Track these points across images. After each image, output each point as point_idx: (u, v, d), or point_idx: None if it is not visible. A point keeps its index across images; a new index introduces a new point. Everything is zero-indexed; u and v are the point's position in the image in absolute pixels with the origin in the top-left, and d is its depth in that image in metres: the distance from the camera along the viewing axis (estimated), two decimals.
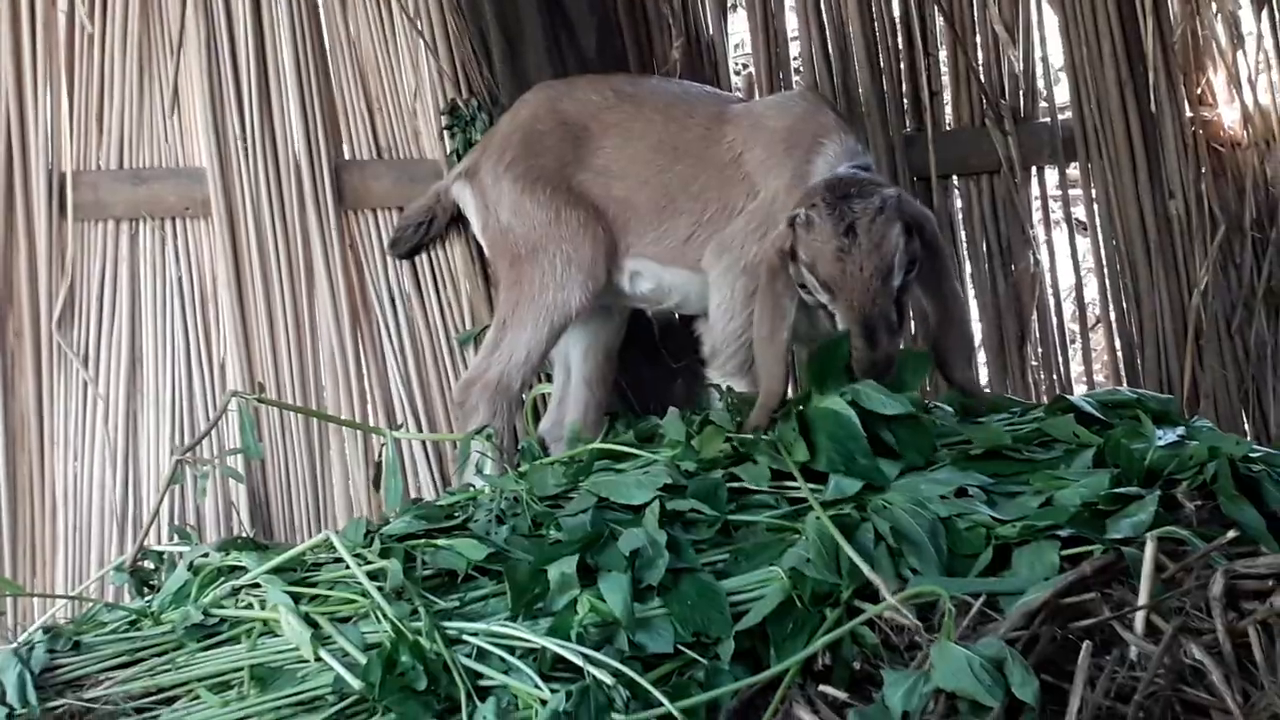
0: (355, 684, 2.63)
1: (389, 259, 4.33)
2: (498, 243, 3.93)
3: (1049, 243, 4.68)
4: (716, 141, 3.79)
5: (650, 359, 4.27)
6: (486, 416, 3.82)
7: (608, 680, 2.50)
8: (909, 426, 3.03)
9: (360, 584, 2.86)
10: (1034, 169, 4.64)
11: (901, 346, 3.26)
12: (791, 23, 4.64)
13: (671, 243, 3.80)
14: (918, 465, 2.99)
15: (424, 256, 4.30)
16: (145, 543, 3.66)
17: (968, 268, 4.63)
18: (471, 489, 3.40)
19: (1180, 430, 3.12)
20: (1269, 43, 4.52)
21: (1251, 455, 2.93)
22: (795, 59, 4.75)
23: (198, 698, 2.81)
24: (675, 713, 2.45)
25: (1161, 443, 3.02)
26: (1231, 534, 2.56)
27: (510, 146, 3.91)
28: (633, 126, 3.86)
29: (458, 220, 4.06)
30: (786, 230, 3.32)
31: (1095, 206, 4.59)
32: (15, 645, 3.05)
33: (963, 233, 4.62)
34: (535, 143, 3.89)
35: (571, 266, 3.80)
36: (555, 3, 4.25)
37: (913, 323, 3.94)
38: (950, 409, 3.43)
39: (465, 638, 2.69)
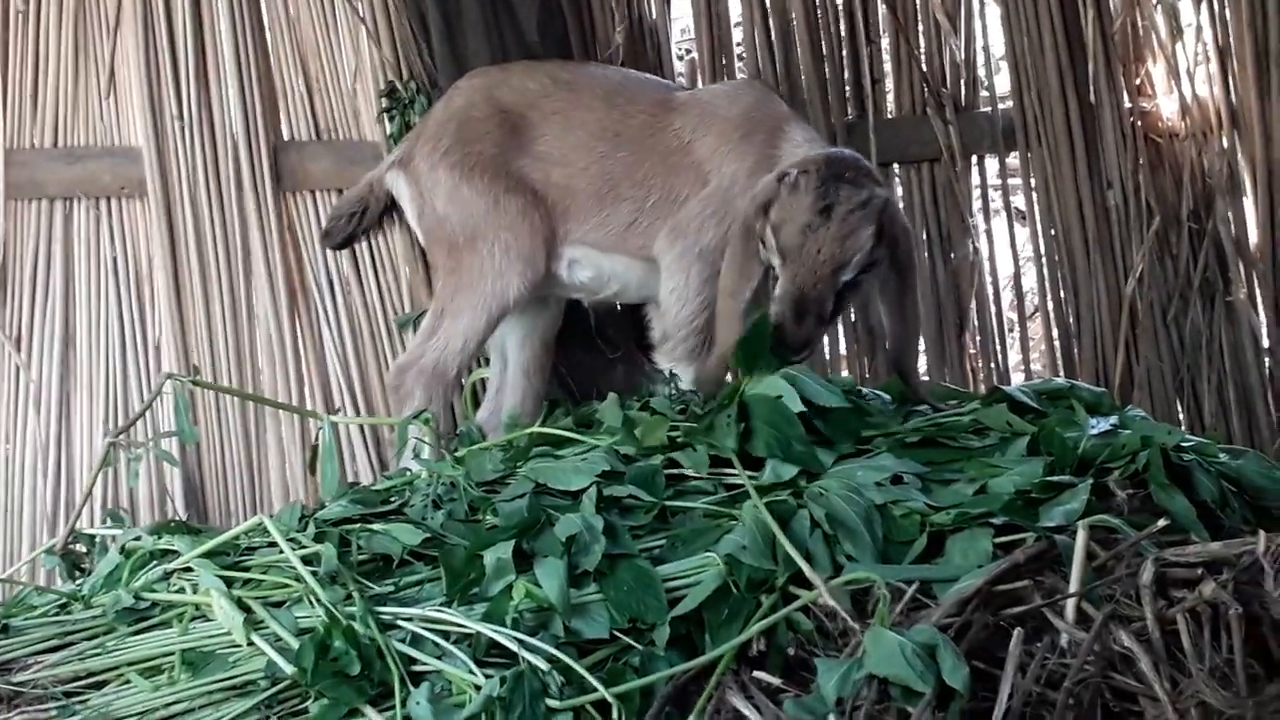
0: (288, 669, 2.62)
1: (320, 246, 4.29)
2: (434, 231, 3.90)
3: (988, 232, 4.70)
4: (662, 129, 3.78)
5: (587, 347, 4.26)
6: (422, 401, 3.79)
7: (543, 666, 2.51)
8: (843, 414, 3.04)
9: (294, 568, 2.84)
10: (974, 158, 4.65)
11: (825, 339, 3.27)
12: (734, 8, 4.63)
13: (613, 230, 3.79)
14: (850, 453, 3.01)
15: (362, 242, 4.25)
16: (77, 526, 3.63)
17: None
18: (408, 474, 3.38)
19: (1113, 419, 3.15)
20: (1208, 35, 4.54)
21: (1183, 445, 2.96)
22: (738, 45, 4.74)
23: (128, 682, 2.80)
24: (610, 698, 2.46)
25: (1094, 432, 3.04)
26: (1162, 523, 2.59)
27: (446, 134, 3.88)
28: (573, 114, 3.83)
29: (391, 210, 4.02)
30: (773, 184, 3.32)
31: (1034, 196, 4.61)
32: None
33: None
34: (471, 130, 3.86)
35: (510, 254, 3.78)
36: None
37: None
38: (887, 397, 3.44)
39: (399, 623, 2.68)
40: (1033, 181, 4.60)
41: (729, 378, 3.40)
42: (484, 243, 3.78)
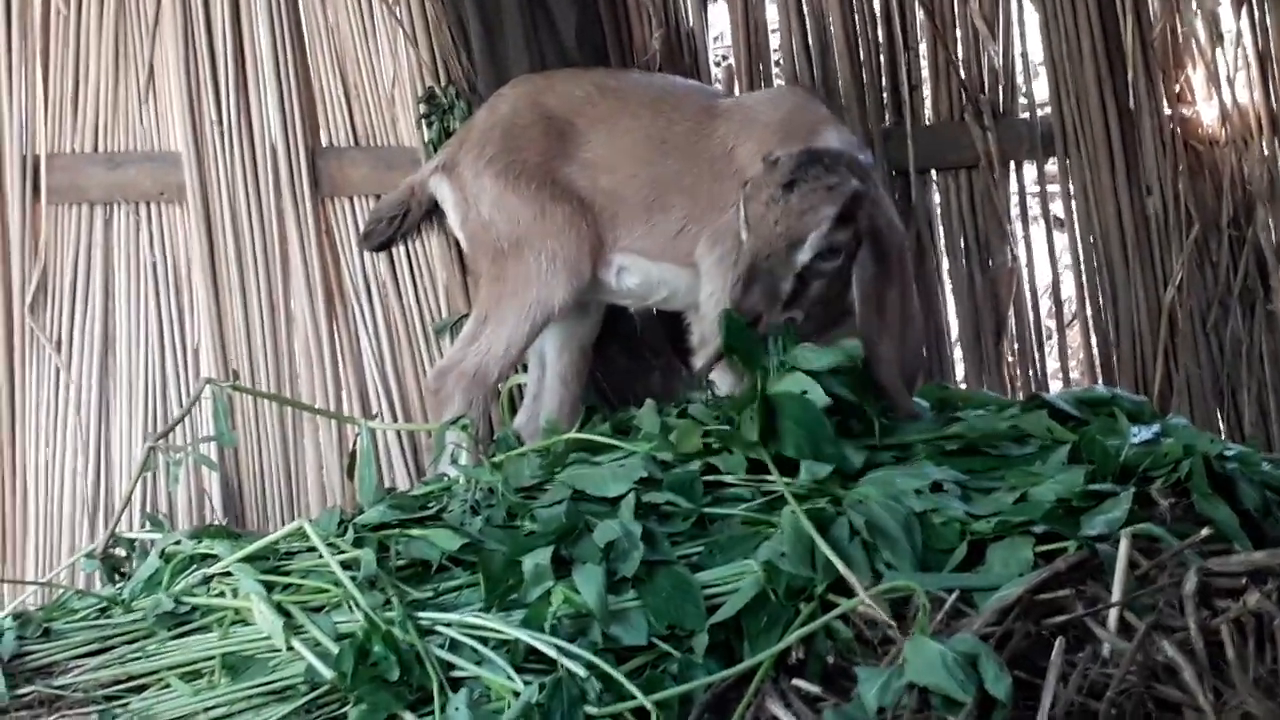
0: (327, 674, 2.62)
1: (359, 248, 4.30)
2: (478, 237, 3.90)
3: (1026, 238, 4.68)
4: (707, 136, 3.78)
5: (627, 353, 4.26)
6: (462, 406, 3.79)
7: (581, 672, 2.49)
8: (854, 381, 3.05)
9: (333, 573, 2.84)
10: (1012, 164, 4.63)
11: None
12: (772, 14, 4.62)
13: (661, 237, 3.79)
14: (884, 458, 3.00)
15: (400, 246, 4.26)
16: (117, 530, 3.63)
17: (945, 263, 4.62)
18: (446, 479, 3.38)
19: (1155, 428, 3.13)
20: (1248, 41, 4.51)
21: (1226, 453, 2.94)
22: (775, 51, 4.74)
23: (168, 686, 2.80)
24: (648, 705, 2.45)
25: (1136, 440, 3.02)
26: (1205, 532, 2.57)
27: (491, 141, 3.88)
28: (619, 121, 3.84)
29: (431, 214, 4.03)
30: (760, 165, 3.33)
31: (1073, 203, 4.59)
32: None
33: (940, 228, 4.61)
34: (517, 137, 3.86)
35: (557, 262, 3.78)
36: None
37: None
38: (926, 404, 3.42)
39: (438, 628, 2.68)
40: (1071, 188, 4.58)
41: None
42: (530, 250, 3.78)
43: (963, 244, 4.60)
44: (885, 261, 3.31)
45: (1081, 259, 4.61)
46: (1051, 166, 4.69)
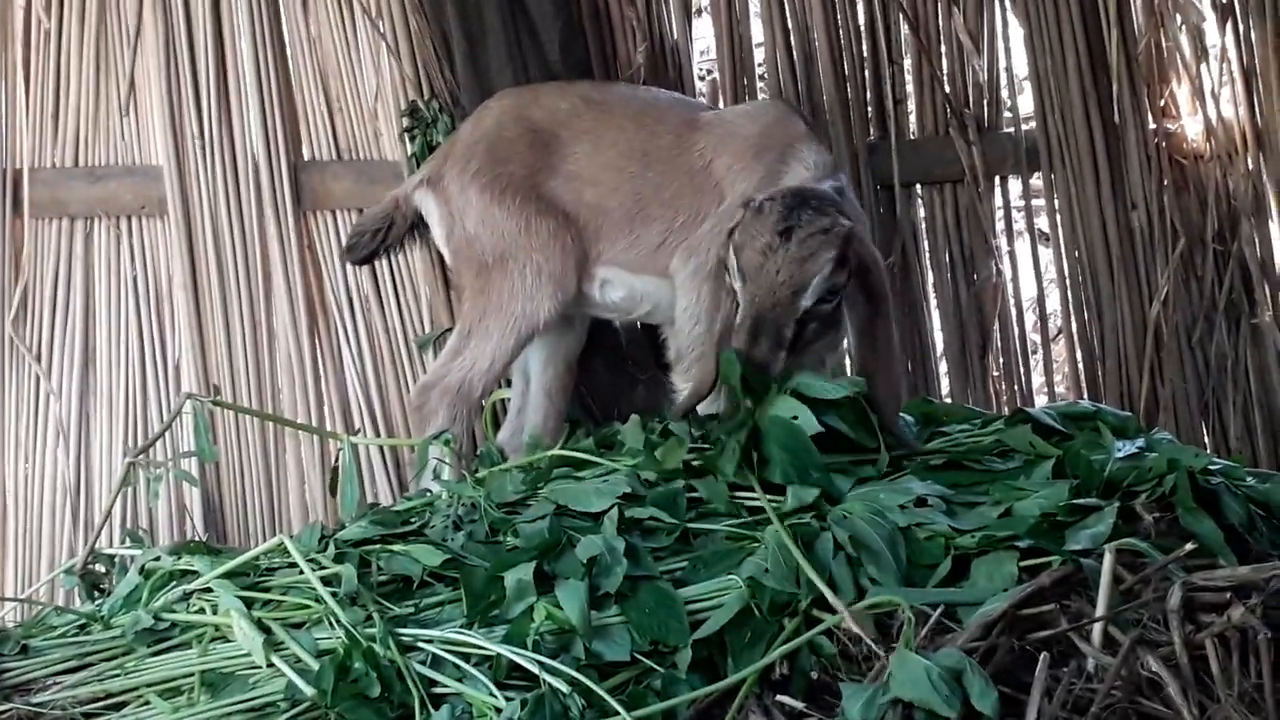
0: (307, 691, 2.60)
1: (341, 261, 4.28)
2: (463, 251, 3.89)
3: (1011, 253, 4.68)
4: (688, 149, 3.78)
5: (611, 367, 4.26)
6: (446, 421, 3.78)
7: (564, 688, 2.48)
8: (852, 412, 3.04)
9: (314, 589, 2.83)
10: (997, 179, 4.63)
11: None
12: (757, 29, 4.63)
13: (643, 250, 3.78)
14: (871, 475, 2.99)
15: (383, 259, 4.24)
16: (96, 546, 3.61)
17: (930, 277, 4.62)
18: (428, 494, 3.37)
19: (1139, 442, 3.13)
20: (1233, 56, 4.53)
21: (1211, 468, 2.93)
22: (760, 65, 4.74)
23: (147, 703, 2.78)
24: None
25: (1121, 455, 3.02)
26: (1190, 546, 2.57)
27: (475, 155, 3.88)
28: (604, 133, 3.83)
29: (415, 228, 4.01)
30: (739, 210, 3.31)
31: (1058, 217, 4.59)
32: None
33: (925, 242, 4.62)
34: (502, 150, 3.85)
35: (542, 276, 3.77)
36: (518, 5, 4.22)
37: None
38: (911, 419, 3.42)
39: (420, 645, 2.66)
40: (1056, 203, 4.58)
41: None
42: (515, 264, 3.77)
43: (948, 258, 4.60)
44: (874, 297, 3.34)
45: (1066, 274, 4.61)
46: (1036, 181, 4.70)
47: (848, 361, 3.78)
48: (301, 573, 2.89)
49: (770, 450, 2.97)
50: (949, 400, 4.50)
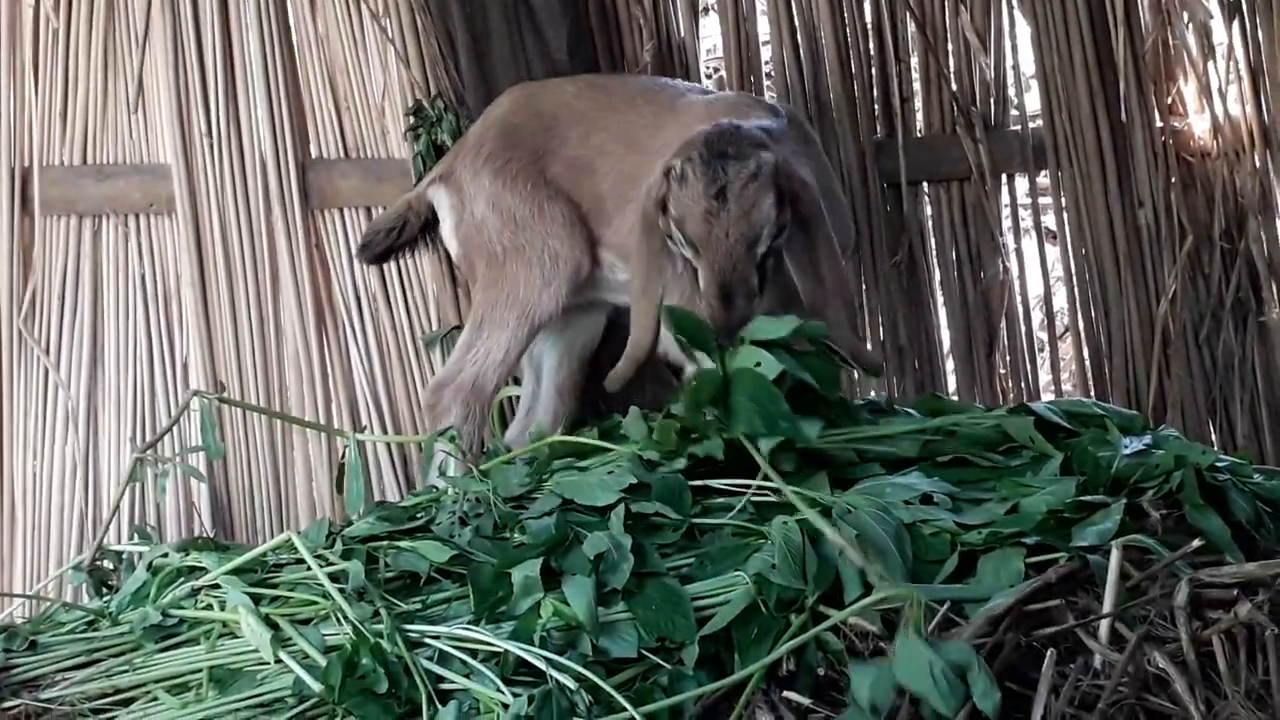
0: (315, 686, 2.60)
1: (356, 259, 4.29)
2: (472, 240, 3.86)
3: (1018, 251, 4.68)
4: (659, 131, 3.70)
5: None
6: (459, 419, 3.75)
7: (571, 684, 2.48)
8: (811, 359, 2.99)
9: (321, 585, 2.82)
10: (1004, 177, 4.63)
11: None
12: (763, 27, 4.63)
13: (625, 236, 3.70)
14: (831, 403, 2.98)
15: (397, 258, 4.24)
16: (104, 542, 3.61)
17: (937, 275, 4.62)
18: (435, 490, 3.37)
19: (1146, 439, 3.12)
20: (1239, 53, 4.52)
21: (1218, 464, 2.92)
22: (766, 63, 4.74)
23: (155, 699, 2.78)
24: (638, 718, 2.43)
25: (1128, 451, 3.01)
26: (1197, 543, 2.57)
27: (487, 141, 3.86)
28: (598, 116, 3.80)
29: (427, 230, 4.00)
30: (661, 180, 3.24)
31: (1065, 215, 4.59)
32: None
33: (932, 240, 4.61)
34: (512, 136, 3.83)
35: (559, 262, 3.73)
36: (524, 4, 4.22)
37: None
38: (916, 413, 3.41)
39: (427, 640, 2.66)
40: (1063, 201, 4.58)
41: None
42: (530, 250, 3.74)
43: (954, 256, 4.60)
44: (808, 224, 3.28)
45: (1073, 271, 4.61)
46: (1043, 179, 4.70)
47: None
48: (309, 569, 2.89)
49: (735, 399, 2.92)
50: (956, 398, 4.50)
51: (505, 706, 2.47)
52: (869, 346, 3.29)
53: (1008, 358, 4.64)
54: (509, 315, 3.75)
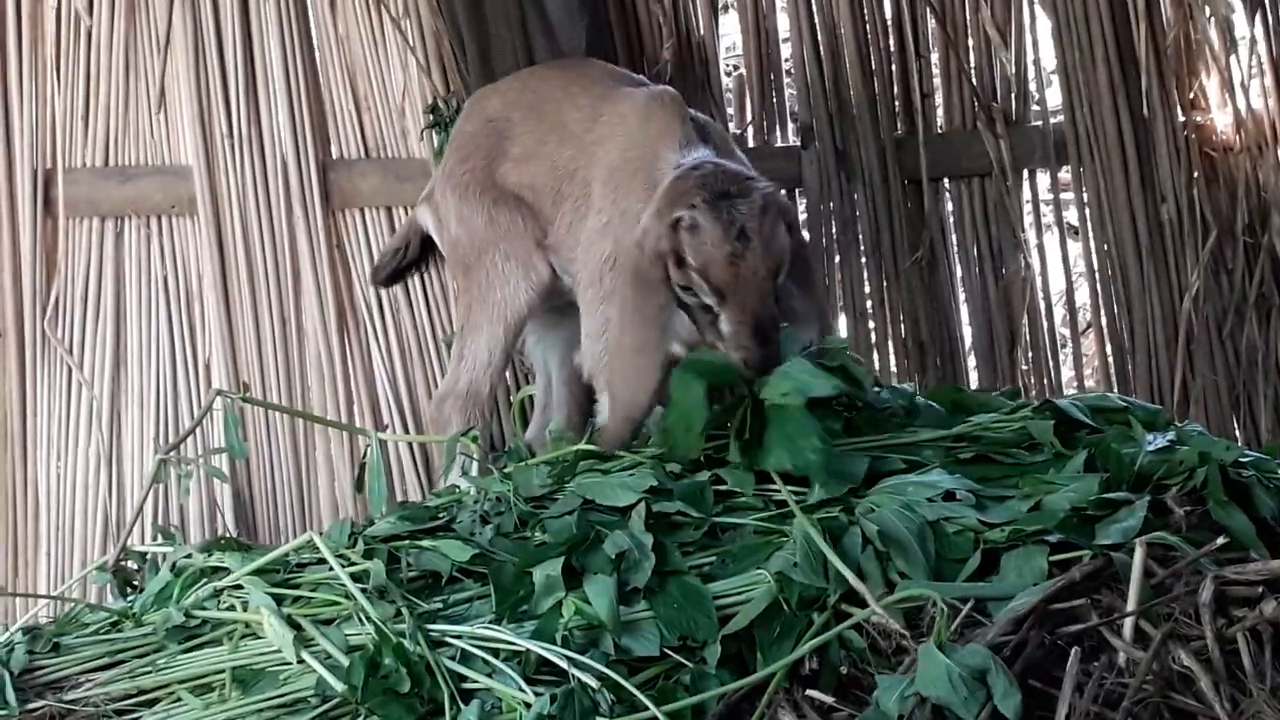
0: (338, 686, 2.61)
1: (370, 284, 4.30)
2: (452, 255, 3.86)
3: (1040, 246, 4.66)
4: (594, 123, 3.62)
5: None
6: (460, 426, 3.75)
7: (593, 683, 2.49)
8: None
9: (344, 586, 2.83)
10: (1026, 172, 4.63)
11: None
12: (783, 24, 4.63)
13: (566, 234, 3.65)
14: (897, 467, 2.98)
15: (409, 275, 4.24)
16: (128, 543, 3.63)
17: (958, 271, 4.62)
18: (456, 490, 3.37)
19: (1170, 435, 3.10)
20: (1262, 47, 4.51)
21: (1242, 461, 2.91)
22: (786, 60, 4.73)
23: (179, 700, 2.79)
24: (661, 717, 2.44)
25: (1151, 448, 2.99)
26: (1221, 540, 2.55)
27: (449, 159, 3.86)
28: (538, 109, 3.74)
29: (429, 246, 4.00)
30: (668, 233, 3.13)
31: (1087, 210, 4.58)
32: None
33: (954, 236, 4.61)
34: (465, 147, 3.82)
35: (512, 262, 3.69)
36: (535, 4, 4.20)
37: None
38: (939, 406, 3.39)
39: (449, 640, 2.66)
40: (1085, 196, 4.57)
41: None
42: (487, 256, 3.72)
43: (976, 253, 4.59)
44: (800, 241, 3.31)
45: (1096, 267, 4.60)
46: (1065, 174, 4.68)
47: None
48: (331, 569, 2.89)
49: (768, 433, 2.93)
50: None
51: (527, 706, 2.47)
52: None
53: (1029, 354, 4.63)
54: (482, 318, 3.73)
